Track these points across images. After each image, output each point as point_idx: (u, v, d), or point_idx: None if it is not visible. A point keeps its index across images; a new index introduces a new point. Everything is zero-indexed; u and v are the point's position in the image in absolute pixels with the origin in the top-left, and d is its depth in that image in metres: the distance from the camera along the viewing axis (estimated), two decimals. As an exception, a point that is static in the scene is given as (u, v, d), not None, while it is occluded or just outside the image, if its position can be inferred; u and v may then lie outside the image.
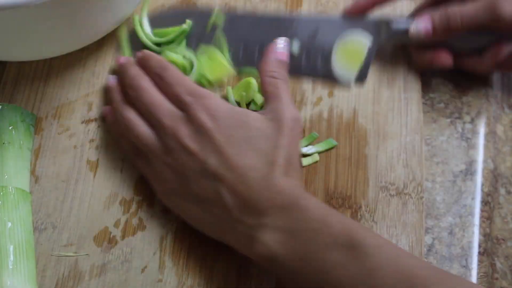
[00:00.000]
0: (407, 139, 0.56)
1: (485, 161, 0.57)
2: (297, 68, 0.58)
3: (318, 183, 0.54)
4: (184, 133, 0.49)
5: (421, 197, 0.54)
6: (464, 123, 0.58)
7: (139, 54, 0.55)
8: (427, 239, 0.53)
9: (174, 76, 0.52)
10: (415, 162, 0.55)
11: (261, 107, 0.56)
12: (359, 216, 0.53)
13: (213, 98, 0.50)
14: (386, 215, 0.53)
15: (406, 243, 0.52)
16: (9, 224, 0.50)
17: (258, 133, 0.48)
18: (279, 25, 0.59)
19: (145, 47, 0.59)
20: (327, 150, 0.55)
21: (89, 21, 0.53)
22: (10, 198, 0.51)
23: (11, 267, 0.48)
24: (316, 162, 0.55)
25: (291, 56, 0.57)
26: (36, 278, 0.50)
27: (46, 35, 0.52)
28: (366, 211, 0.53)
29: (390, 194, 0.54)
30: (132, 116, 0.52)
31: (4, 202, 0.51)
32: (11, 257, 0.49)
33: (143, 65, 0.54)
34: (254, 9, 0.62)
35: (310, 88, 0.58)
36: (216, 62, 0.58)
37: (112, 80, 0.56)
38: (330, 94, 0.58)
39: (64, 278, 0.51)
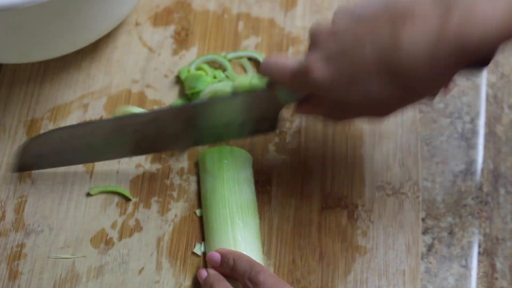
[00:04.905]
0: (403, 138, 0.56)
1: (485, 161, 0.56)
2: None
3: (315, 183, 0.54)
4: None
5: (418, 196, 0.53)
6: (464, 123, 0.58)
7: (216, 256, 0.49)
8: (427, 239, 0.53)
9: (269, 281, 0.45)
10: (411, 161, 0.55)
11: None
12: (355, 216, 0.53)
13: None
14: (382, 214, 0.53)
15: (403, 242, 0.52)
16: (237, 183, 0.52)
17: None
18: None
19: None
20: None
21: (85, 23, 0.53)
22: (238, 157, 0.54)
23: (241, 224, 0.51)
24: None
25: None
26: (260, 234, 0.52)
27: (41, 37, 0.52)
28: (362, 210, 0.53)
29: (387, 194, 0.54)
30: None
31: (232, 161, 0.53)
32: (239, 214, 0.51)
33: (233, 268, 0.48)
34: (248, 11, 0.62)
35: (307, 89, 0.58)
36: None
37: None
38: (327, 94, 0.58)
39: (61, 280, 0.51)
